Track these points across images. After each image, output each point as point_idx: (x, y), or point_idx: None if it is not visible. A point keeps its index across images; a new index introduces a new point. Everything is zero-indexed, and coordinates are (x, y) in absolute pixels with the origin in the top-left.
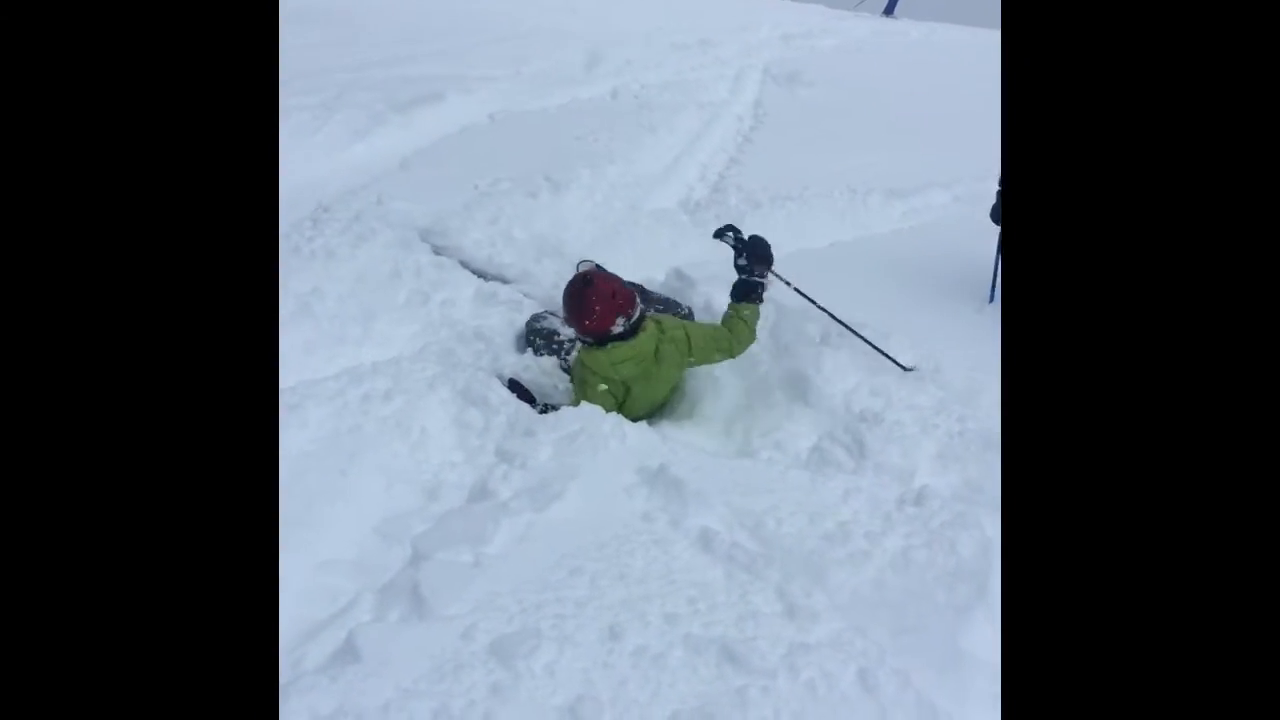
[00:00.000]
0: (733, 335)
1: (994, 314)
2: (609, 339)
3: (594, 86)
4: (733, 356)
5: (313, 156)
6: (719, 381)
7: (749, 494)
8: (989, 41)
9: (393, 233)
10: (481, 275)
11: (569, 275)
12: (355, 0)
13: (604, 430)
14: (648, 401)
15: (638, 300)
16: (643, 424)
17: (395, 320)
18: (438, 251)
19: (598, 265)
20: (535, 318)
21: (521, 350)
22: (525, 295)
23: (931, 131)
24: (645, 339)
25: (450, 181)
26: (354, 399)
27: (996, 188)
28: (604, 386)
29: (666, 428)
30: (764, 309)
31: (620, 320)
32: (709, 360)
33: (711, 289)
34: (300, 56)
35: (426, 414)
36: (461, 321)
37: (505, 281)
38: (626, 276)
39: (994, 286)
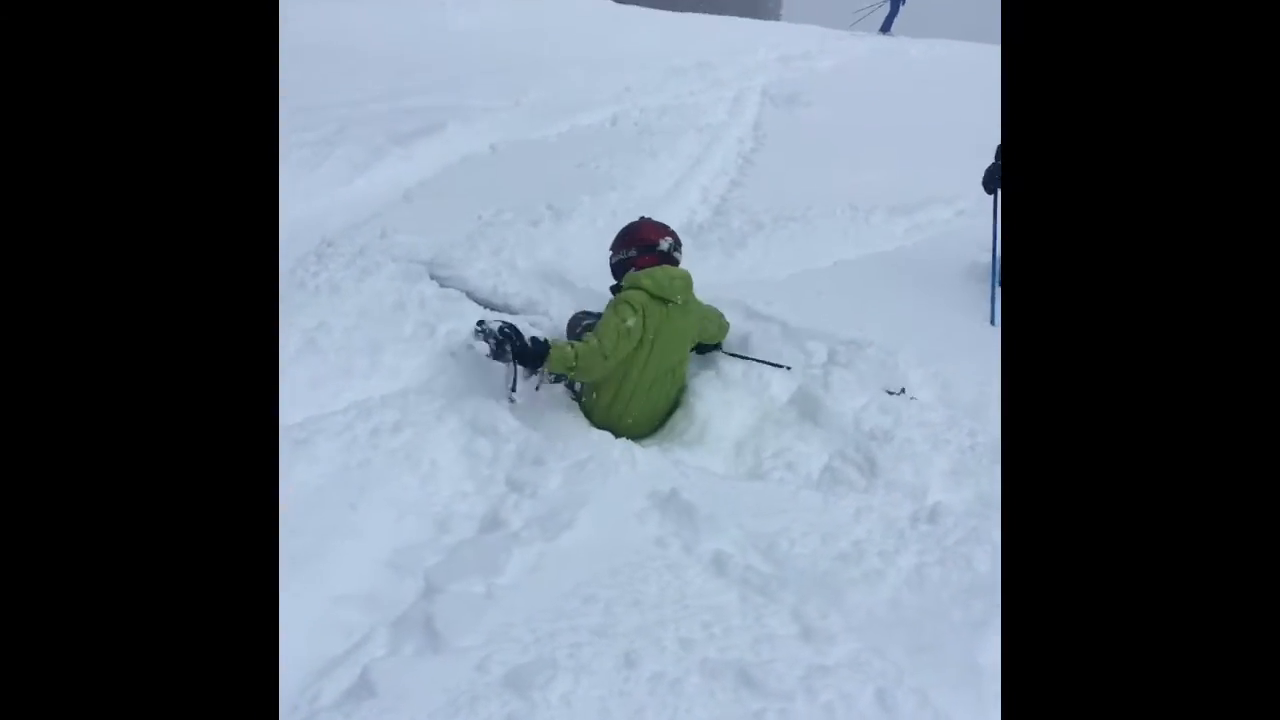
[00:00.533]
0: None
1: (999, 328)
2: (650, 251)
3: (593, 113)
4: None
5: (315, 191)
6: (729, 403)
7: (761, 516)
8: (987, 56)
9: (397, 265)
10: (487, 305)
11: (574, 304)
12: (353, 35)
13: (614, 456)
14: (660, 362)
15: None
16: (653, 448)
17: (402, 352)
18: (442, 283)
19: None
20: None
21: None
22: (531, 325)
23: (932, 147)
24: (685, 274)
25: (453, 212)
26: (363, 433)
27: (994, 160)
28: (631, 322)
29: (677, 451)
30: (769, 329)
31: (668, 240)
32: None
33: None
34: (300, 92)
35: (436, 445)
36: (468, 350)
37: (511, 311)
38: None
39: (994, 308)
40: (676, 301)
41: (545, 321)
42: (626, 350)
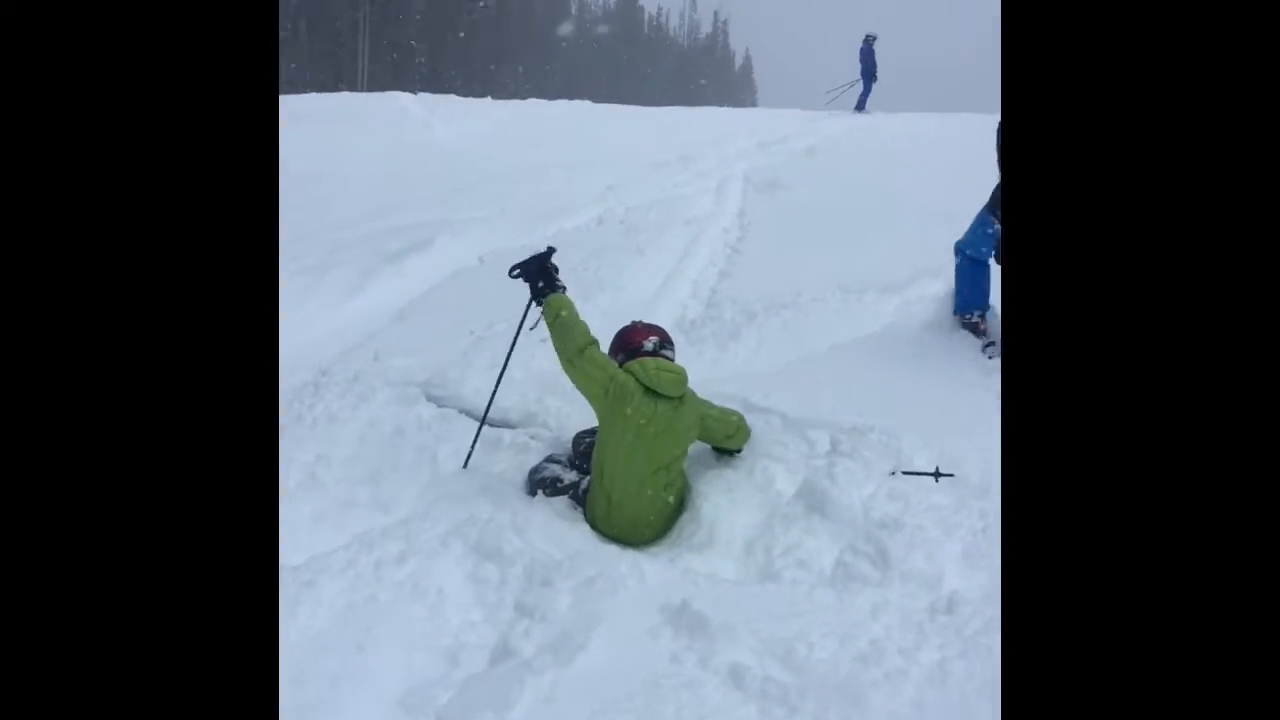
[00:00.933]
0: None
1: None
2: (638, 354)
3: (579, 215)
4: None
5: (310, 320)
6: (735, 501)
7: (776, 621)
8: (961, 126)
9: (393, 389)
10: (485, 423)
11: (572, 414)
12: (339, 159)
13: (621, 571)
14: (648, 457)
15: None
16: (661, 557)
17: (402, 479)
18: (439, 404)
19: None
20: (536, 469)
21: (531, 493)
22: (531, 438)
23: (915, 220)
24: (684, 371)
25: (446, 329)
26: (366, 567)
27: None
28: (620, 377)
29: (686, 558)
30: (770, 421)
31: (653, 339)
32: (730, 436)
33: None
34: (288, 222)
35: (441, 573)
36: (469, 473)
37: (510, 426)
38: None
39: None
40: (666, 396)
41: (545, 433)
42: (600, 378)
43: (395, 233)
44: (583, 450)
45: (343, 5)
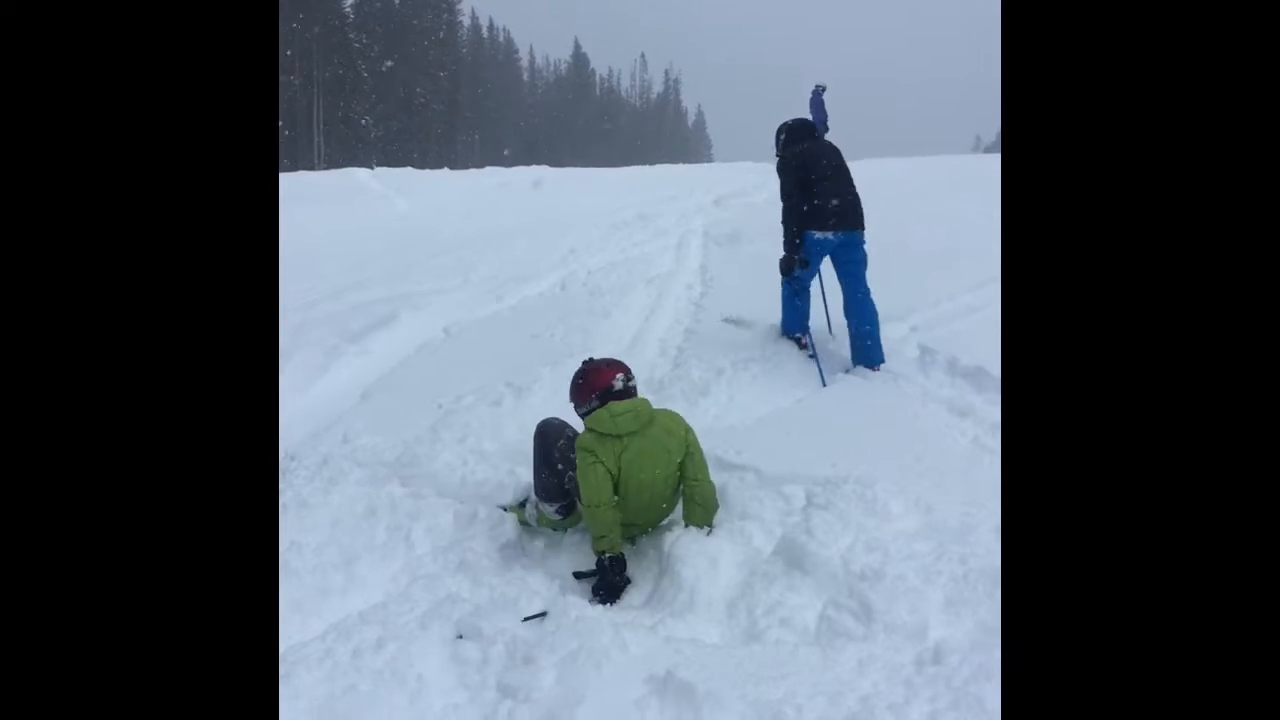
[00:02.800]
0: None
1: (975, 445)
2: (609, 395)
3: (542, 281)
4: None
5: None
6: (715, 562)
7: (763, 683)
8: (916, 170)
9: (362, 470)
10: (458, 498)
11: None
12: (301, 236)
13: (604, 643)
14: (639, 487)
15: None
16: (643, 627)
17: (376, 561)
18: (410, 482)
19: None
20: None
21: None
22: (505, 510)
23: (878, 265)
24: (644, 401)
25: (413, 406)
26: (344, 656)
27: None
28: (594, 465)
29: (669, 623)
30: (744, 478)
31: (619, 376)
32: (698, 479)
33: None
34: None
35: (421, 657)
36: (445, 550)
37: (483, 500)
38: None
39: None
40: (631, 432)
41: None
42: (608, 487)
43: (358, 310)
44: (561, 444)
45: (296, 87)
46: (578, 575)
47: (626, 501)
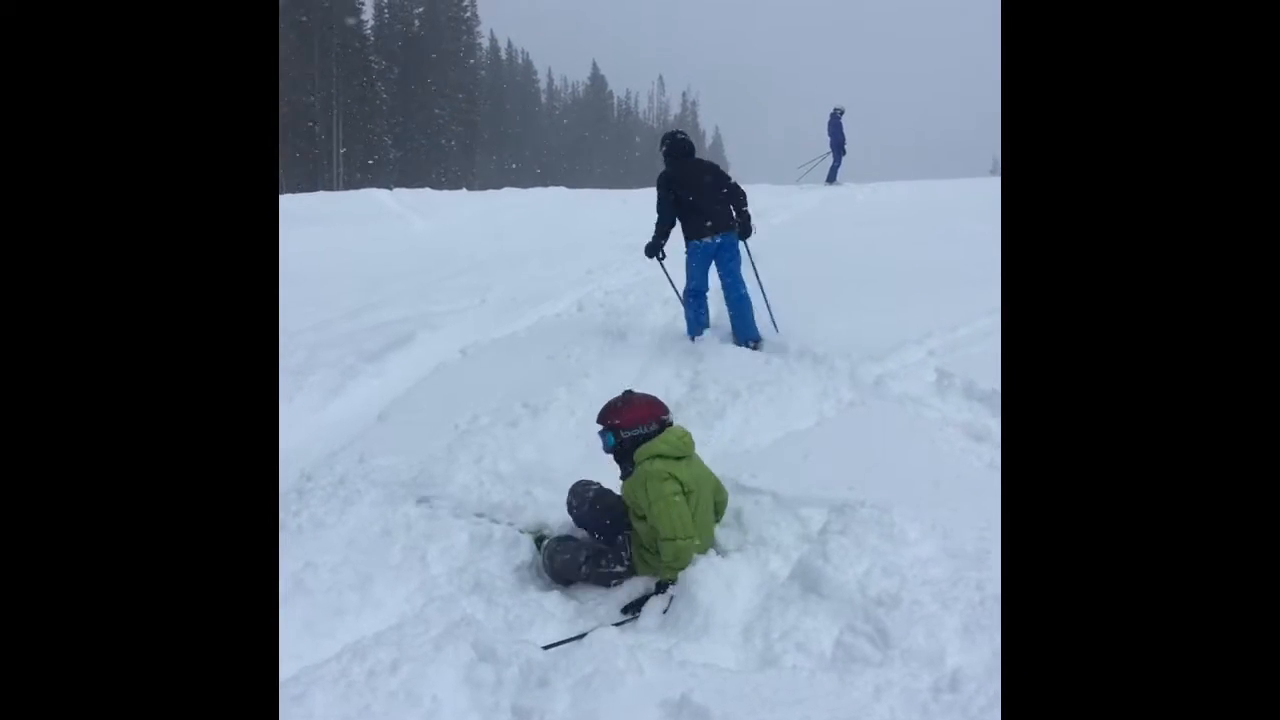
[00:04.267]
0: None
1: (992, 469)
2: (664, 424)
3: (559, 302)
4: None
5: (291, 423)
6: (730, 585)
7: (778, 709)
8: (932, 193)
9: (379, 491)
10: (474, 518)
11: (559, 503)
12: (317, 258)
13: (619, 667)
14: (704, 506)
15: None
16: (658, 651)
17: (391, 581)
18: (426, 502)
19: None
20: (559, 554)
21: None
22: (521, 532)
23: (893, 288)
24: (681, 427)
25: (430, 426)
26: (359, 676)
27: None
28: (674, 486)
29: (684, 647)
30: (760, 501)
31: (669, 415)
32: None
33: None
34: None
35: (436, 679)
36: (460, 571)
37: (497, 521)
38: (617, 490)
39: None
40: (689, 455)
41: (533, 525)
42: (690, 519)
43: (375, 330)
44: (590, 497)
45: (316, 109)
46: (625, 609)
47: (696, 520)
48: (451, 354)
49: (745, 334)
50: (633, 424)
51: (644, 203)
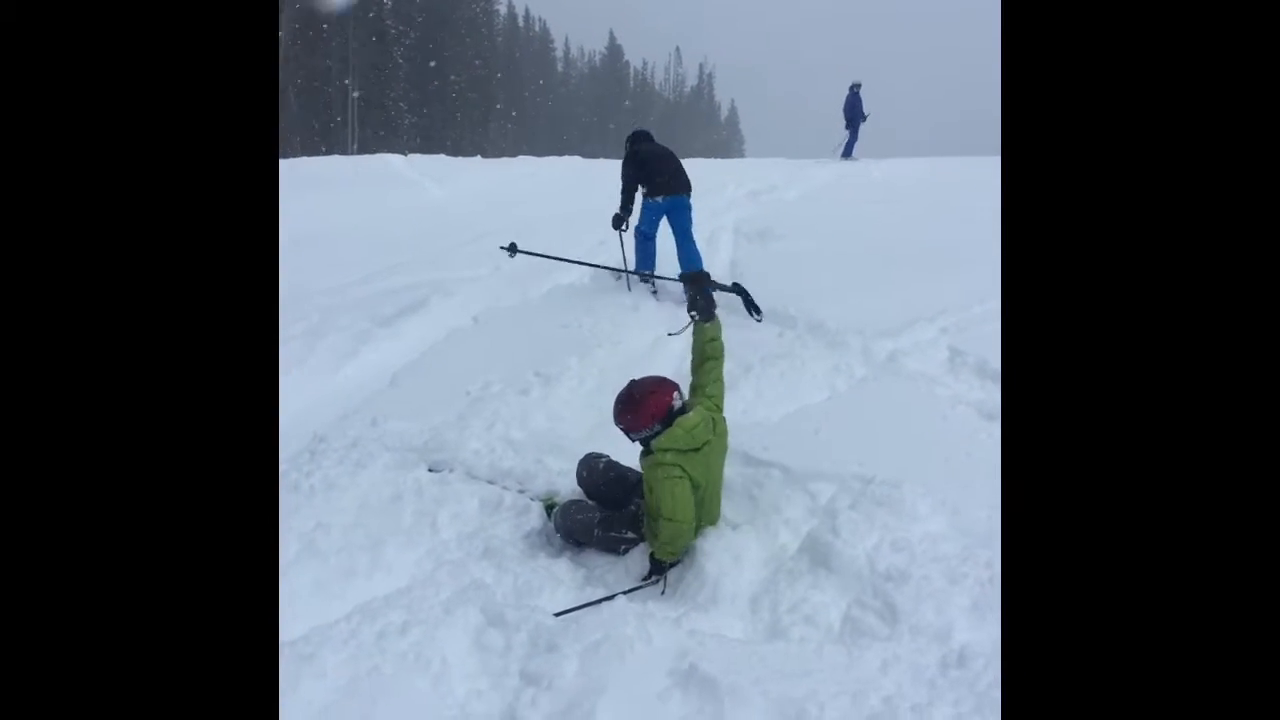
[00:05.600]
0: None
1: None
2: (672, 416)
3: (572, 271)
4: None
5: (304, 385)
6: (739, 557)
7: (786, 680)
8: (948, 170)
9: (390, 454)
10: (485, 483)
11: (571, 471)
12: (331, 222)
13: (627, 634)
14: (713, 487)
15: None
16: (666, 620)
17: (402, 545)
18: (437, 467)
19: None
20: (569, 517)
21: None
22: (531, 499)
23: (908, 265)
24: (699, 411)
25: (442, 391)
26: (369, 638)
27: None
28: (680, 474)
29: (693, 617)
30: (770, 474)
31: (676, 394)
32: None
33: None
34: (282, 285)
35: (445, 641)
36: (470, 536)
37: (508, 488)
38: (625, 461)
39: None
40: (705, 444)
41: (543, 492)
42: (692, 505)
43: (389, 295)
44: (601, 467)
45: (330, 72)
46: (629, 593)
47: (703, 506)
48: (464, 320)
49: (688, 265)
50: (639, 428)
51: None
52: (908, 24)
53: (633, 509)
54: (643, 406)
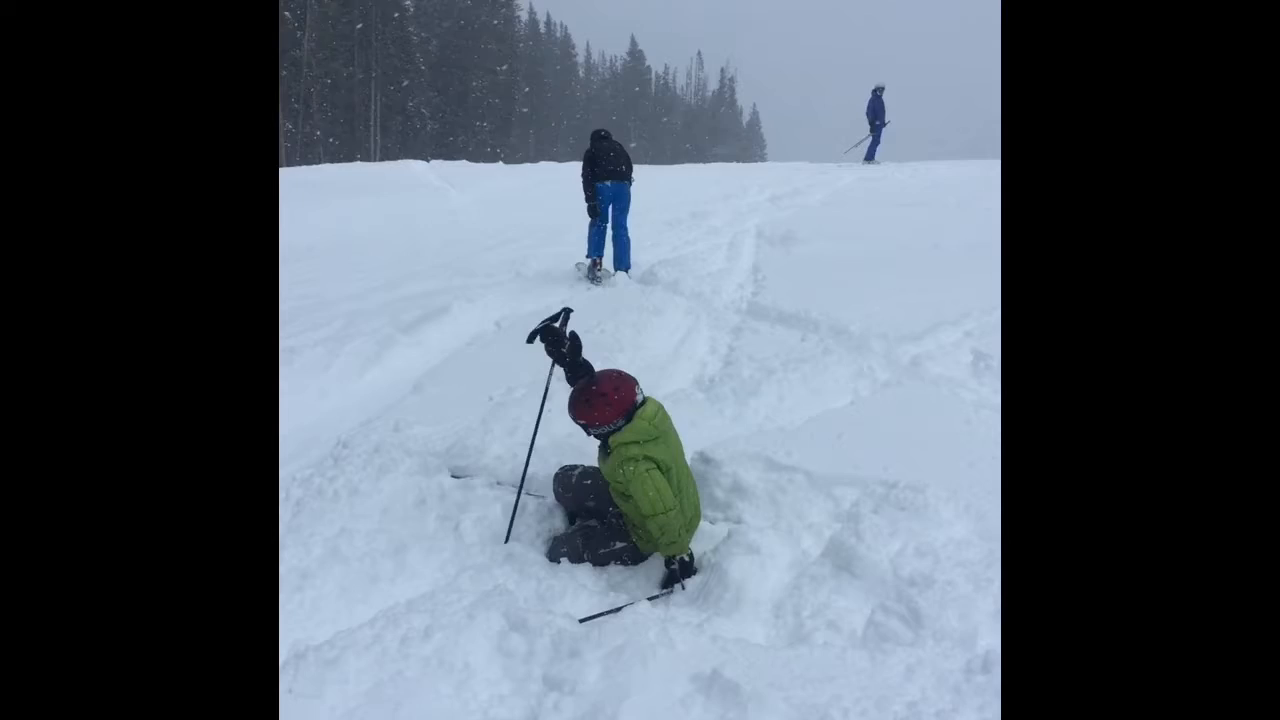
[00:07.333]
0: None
1: None
2: (634, 410)
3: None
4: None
5: (328, 391)
6: (762, 562)
7: (809, 685)
8: (970, 174)
9: (414, 460)
10: (509, 488)
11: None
12: (354, 229)
13: (650, 639)
14: (683, 475)
15: None
16: (689, 625)
17: (426, 550)
18: (460, 472)
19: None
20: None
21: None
22: (553, 506)
23: (930, 268)
24: (652, 401)
25: (464, 397)
26: (392, 643)
27: None
28: (650, 465)
29: (716, 622)
30: (794, 479)
31: (639, 388)
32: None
33: (737, 468)
34: (304, 293)
35: (468, 646)
36: (492, 541)
37: (530, 494)
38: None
39: None
40: (663, 434)
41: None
42: (670, 490)
43: (412, 301)
44: (574, 480)
45: (355, 79)
46: (652, 599)
47: (682, 495)
48: (487, 326)
49: (619, 265)
50: (604, 423)
51: (682, 180)
52: (929, 28)
53: (613, 520)
54: (610, 402)
